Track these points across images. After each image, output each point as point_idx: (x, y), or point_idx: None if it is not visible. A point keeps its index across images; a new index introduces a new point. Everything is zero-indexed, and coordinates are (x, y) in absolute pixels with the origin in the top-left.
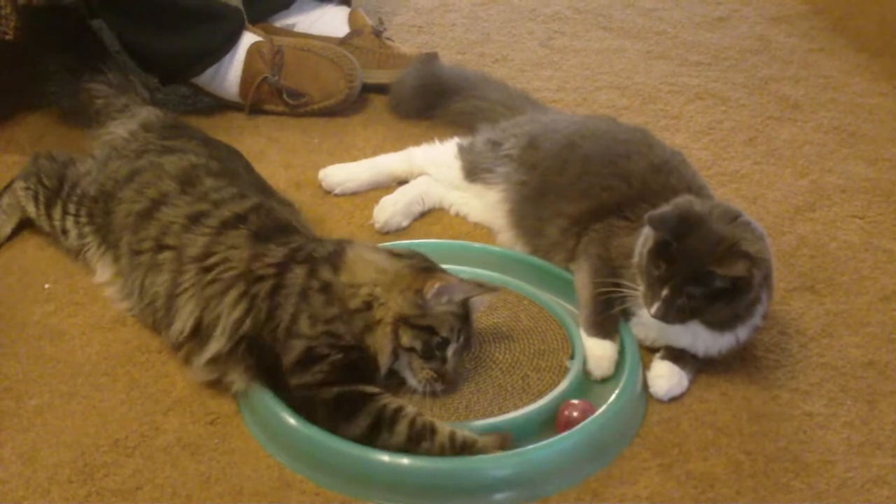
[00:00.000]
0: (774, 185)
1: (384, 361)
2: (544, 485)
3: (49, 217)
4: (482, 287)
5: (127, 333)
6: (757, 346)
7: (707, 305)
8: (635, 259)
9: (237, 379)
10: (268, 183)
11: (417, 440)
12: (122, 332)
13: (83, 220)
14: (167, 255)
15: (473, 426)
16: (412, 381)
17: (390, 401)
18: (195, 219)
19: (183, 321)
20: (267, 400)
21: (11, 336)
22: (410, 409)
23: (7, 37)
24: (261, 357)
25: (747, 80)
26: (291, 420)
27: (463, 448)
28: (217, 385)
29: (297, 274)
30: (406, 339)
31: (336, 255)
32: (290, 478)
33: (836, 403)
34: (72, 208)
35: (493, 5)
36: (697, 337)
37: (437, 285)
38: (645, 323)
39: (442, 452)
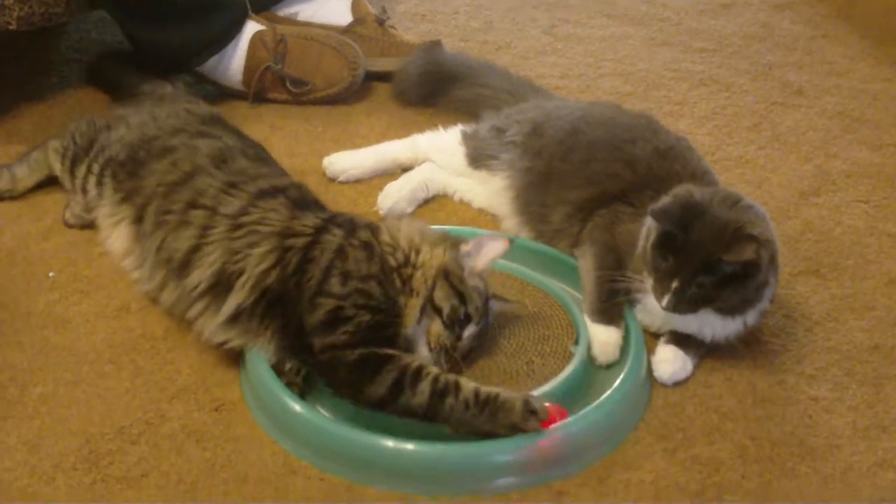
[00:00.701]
0: (779, 170)
1: (410, 321)
2: (549, 470)
3: (72, 174)
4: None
5: (131, 321)
6: (762, 330)
7: (718, 293)
8: (638, 251)
9: (265, 346)
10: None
11: (442, 396)
12: (127, 320)
13: (107, 180)
14: (199, 212)
15: None
16: (423, 350)
17: (413, 359)
18: (232, 185)
19: (202, 271)
20: (271, 386)
21: (16, 325)
22: (433, 368)
23: (10, 26)
24: (285, 317)
25: (751, 66)
26: (296, 406)
27: (486, 402)
28: (226, 360)
29: (336, 234)
30: (440, 294)
31: (374, 224)
32: (295, 464)
33: (842, 387)
34: (95, 168)
35: None
36: (705, 323)
37: (467, 247)
38: (650, 310)
39: (466, 407)
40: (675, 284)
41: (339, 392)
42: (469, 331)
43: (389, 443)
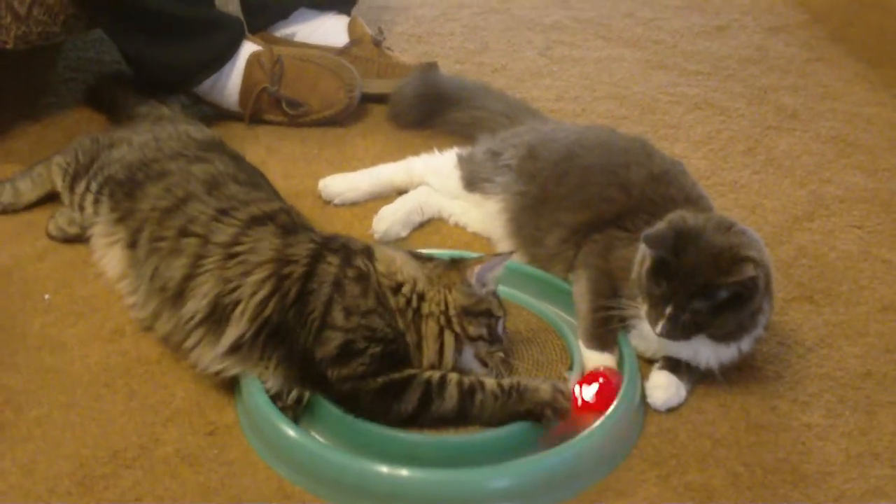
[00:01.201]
0: (773, 194)
1: (440, 357)
2: (543, 496)
3: (71, 191)
4: (501, 256)
5: (126, 344)
6: (755, 356)
7: (712, 319)
8: (633, 277)
9: (269, 378)
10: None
11: (471, 395)
12: (122, 344)
13: (104, 199)
14: (191, 240)
15: (473, 438)
16: (480, 370)
17: (433, 373)
18: (224, 212)
19: (197, 301)
20: (266, 411)
21: (11, 347)
22: (453, 374)
23: (7, 46)
24: (289, 347)
25: (746, 89)
26: (290, 431)
27: (512, 389)
28: (220, 385)
29: (332, 263)
30: (472, 328)
31: (368, 249)
32: (289, 489)
33: (835, 414)
34: (94, 186)
35: (492, 15)
36: (700, 350)
37: (476, 268)
38: (645, 336)
39: (495, 399)
40: (669, 310)
41: (366, 416)
42: (501, 325)
43: (384, 468)
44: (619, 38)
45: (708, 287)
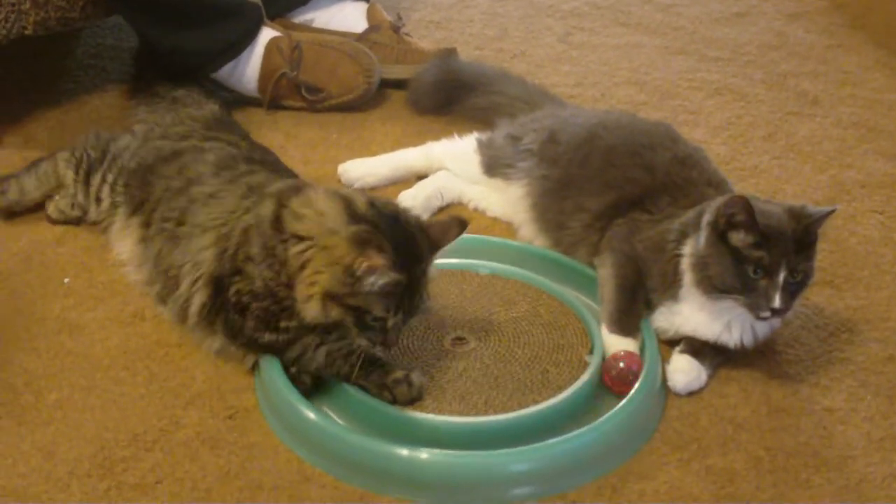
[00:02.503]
0: (794, 180)
1: (311, 316)
2: (564, 480)
3: (87, 184)
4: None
5: (146, 328)
6: (776, 340)
7: (810, 272)
8: (710, 274)
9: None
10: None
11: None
12: (141, 327)
13: (119, 188)
14: (185, 229)
15: (494, 421)
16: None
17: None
18: (214, 195)
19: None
20: (285, 393)
21: (32, 331)
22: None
23: (26, 32)
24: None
25: (766, 75)
26: (310, 414)
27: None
28: (240, 367)
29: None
30: (335, 313)
31: (285, 193)
32: (309, 471)
33: (857, 398)
34: (110, 177)
35: (511, 1)
36: (734, 326)
37: (364, 265)
38: (676, 312)
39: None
40: (782, 277)
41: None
42: (390, 323)
43: (404, 451)
44: (638, 24)
45: (807, 234)
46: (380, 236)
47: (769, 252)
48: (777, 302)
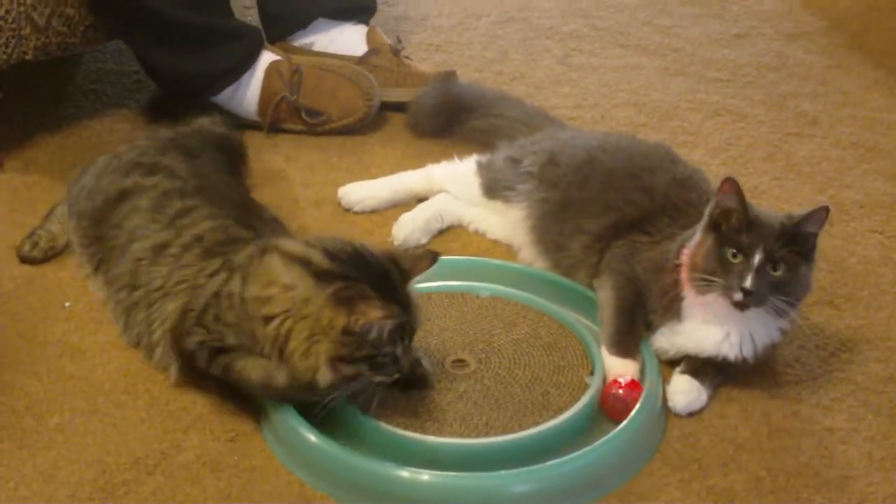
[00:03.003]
0: (794, 200)
1: (326, 383)
2: (565, 501)
3: (64, 231)
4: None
5: None
6: (777, 360)
7: (799, 268)
8: (695, 261)
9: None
10: (250, 198)
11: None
12: (141, 351)
13: (76, 239)
14: (139, 293)
15: (495, 443)
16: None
17: None
18: (158, 250)
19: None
20: (287, 417)
21: (33, 354)
22: None
23: (26, 57)
24: None
25: (765, 96)
26: (312, 437)
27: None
28: (240, 396)
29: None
30: (349, 371)
31: (246, 268)
32: (311, 494)
33: (857, 418)
34: (72, 223)
35: (510, 24)
36: (733, 336)
37: (360, 322)
38: (678, 332)
39: None
40: (757, 259)
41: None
42: (399, 352)
43: (405, 473)
44: (637, 46)
45: (800, 230)
46: (357, 286)
47: (748, 235)
48: (748, 282)
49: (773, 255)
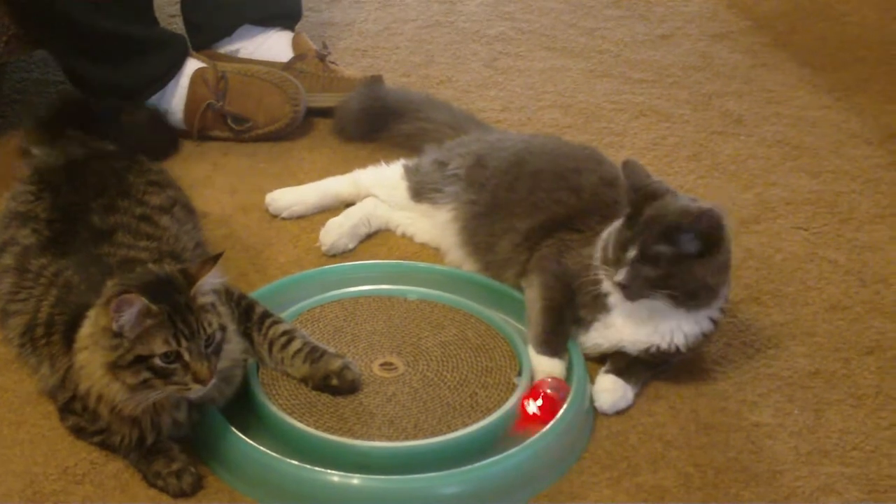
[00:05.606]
0: (719, 198)
1: (118, 398)
2: (495, 501)
3: None
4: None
5: None
6: (704, 358)
7: (676, 270)
8: (598, 257)
9: None
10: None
11: None
12: None
13: None
14: (33, 361)
15: (424, 445)
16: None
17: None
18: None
19: None
20: (214, 422)
21: None
22: None
23: None
24: None
25: (691, 96)
26: (238, 441)
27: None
28: None
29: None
30: (130, 377)
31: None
32: (241, 500)
33: (784, 413)
34: None
35: (437, 28)
36: (673, 326)
37: (113, 311)
38: (609, 324)
39: None
40: (632, 254)
41: None
42: (186, 353)
43: (335, 478)
44: (563, 48)
45: (675, 230)
46: (119, 286)
47: (630, 230)
48: (620, 276)
49: (649, 254)
